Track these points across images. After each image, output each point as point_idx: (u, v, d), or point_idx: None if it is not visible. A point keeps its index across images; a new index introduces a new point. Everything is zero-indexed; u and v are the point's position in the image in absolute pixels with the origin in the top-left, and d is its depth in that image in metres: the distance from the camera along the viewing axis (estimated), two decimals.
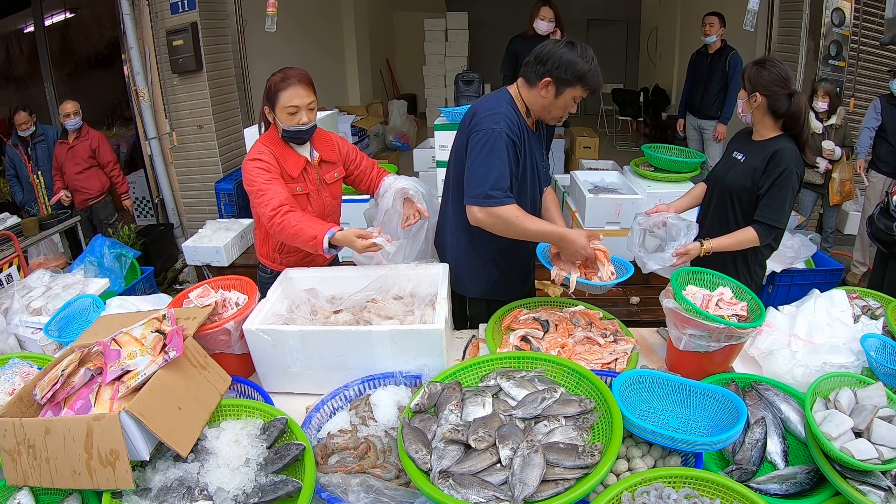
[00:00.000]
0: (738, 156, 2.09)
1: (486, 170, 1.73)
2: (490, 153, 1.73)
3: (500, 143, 1.73)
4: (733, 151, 2.14)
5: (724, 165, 2.17)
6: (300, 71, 1.86)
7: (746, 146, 2.08)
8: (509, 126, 1.75)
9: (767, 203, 1.94)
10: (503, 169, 1.73)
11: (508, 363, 1.49)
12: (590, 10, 10.60)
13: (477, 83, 5.54)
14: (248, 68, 5.21)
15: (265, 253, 2.09)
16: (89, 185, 4.31)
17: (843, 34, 4.23)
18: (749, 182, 1.99)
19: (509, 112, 1.78)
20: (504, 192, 1.72)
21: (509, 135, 1.74)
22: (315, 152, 2.00)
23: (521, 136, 1.79)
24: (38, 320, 2.23)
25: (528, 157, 1.85)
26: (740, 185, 2.02)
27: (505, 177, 1.73)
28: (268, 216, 1.80)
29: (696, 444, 1.20)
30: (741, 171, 2.03)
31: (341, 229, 1.78)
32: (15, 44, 5.88)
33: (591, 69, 1.69)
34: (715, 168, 2.24)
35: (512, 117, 1.77)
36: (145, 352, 1.34)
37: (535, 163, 1.91)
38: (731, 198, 2.06)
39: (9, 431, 1.20)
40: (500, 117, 1.75)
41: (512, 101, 1.82)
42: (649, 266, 1.89)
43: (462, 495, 1.07)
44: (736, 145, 2.16)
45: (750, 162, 2.01)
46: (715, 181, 2.17)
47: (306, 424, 1.42)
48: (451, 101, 7.92)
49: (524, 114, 1.84)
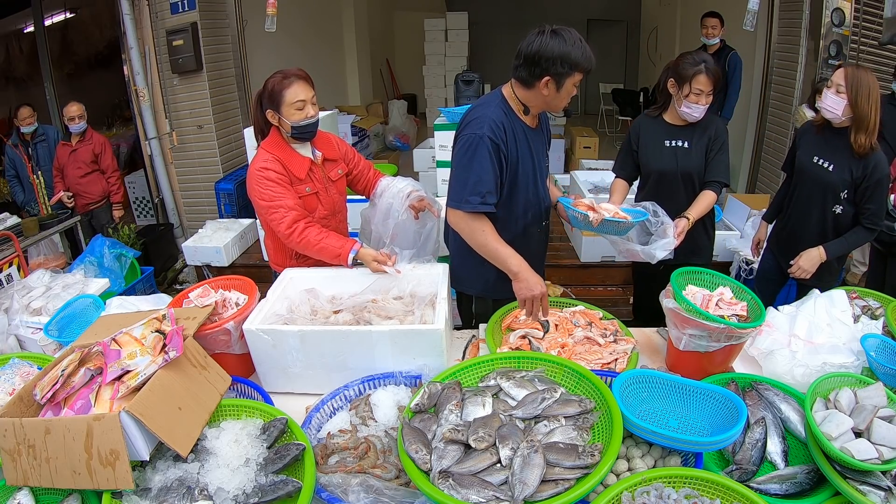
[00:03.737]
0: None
1: (466, 174, 1.74)
2: (471, 158, 1.74)
3: (483, 148, 1.72)
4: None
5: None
6: (297, 68, 1.89)
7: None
8: (493, 130, 1.73)
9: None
10: (482, 174, 1.73)
11: (508, 363, 1.49)
12: (590, 10, 10.61)
13: (477, 83, 5.55)
14: (248, 68, 5.20)
15: (280, 261, 2.10)
16: (91, 189, 4.30)
17: (843, 34, 4.23)
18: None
19: (497, 115, 1.76)
20: (481, 196, 1.73)
21: (492, 139, 1.72)
22: (317, 151, 2.02)
23: (509, 139, 1.77)
24: (38, 320, 2.24)
25: (519, 158, 1.82)
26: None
27: (485, 181, 1.73)
28: (284, 234, 1.87)
29: (696, 444, 1.20)
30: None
31: (362, 246, 1.89)
32: (15, 44, 5.88)
33: (582, 52, 1.66)
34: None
35: (499, 120, 1.75)
36: (145, 352, 1.33)
37: (535, 161, 1.89)
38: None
39: (9, 431, 1.20)
40: (484, 122, 1.74)
41: (503, 103, 1.80)
42: (657, 256, 1.93)
43: (462, 495, 1.07)
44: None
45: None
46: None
47: (306, 424, 1.42)
48: (451, 101, 7.92)
49: (521, 112, 1.82)
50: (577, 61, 1.66)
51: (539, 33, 1.67)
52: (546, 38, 1.65)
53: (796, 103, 4.35)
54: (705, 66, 2.07)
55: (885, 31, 3.96)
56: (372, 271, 1.86)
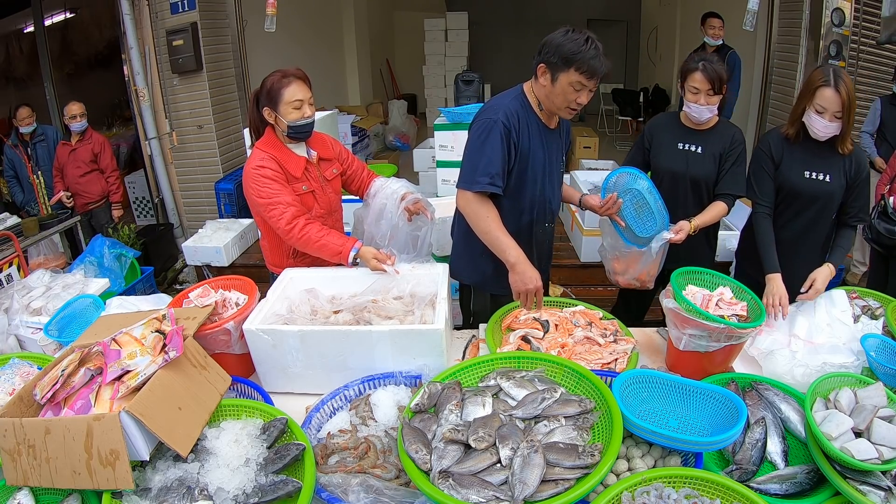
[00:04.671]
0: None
1: (478, 157, 1.77)
2: (484, 141, 1.76)
3: (496, 131, 1.75)
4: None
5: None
6: (296, 68, 1.89)
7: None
8: (508, 117, 1.76)
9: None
10: (493, 155, 1.75)
11: (508, 363, 1.49)
12: (590, 10, 10.62)
13: (477, 83, 5.55)
14: (248, 68, 5.21)
15: (276, 262, 2.10)
16: (90, 189, 4.31)
17: (843, 34, 4.23)
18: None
19: (514, 105, 1.80)
20: (490, 177, 1.75)
21: (505, 124, 1.75)
22: (312, 151, 2.02)
23: (521, 128, 1.79)
24: (38, 320, 2.23)
25: (531, 150, 1.84)
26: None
27: (494, 163, 1.75)
28: (284, 230, 1.87)
29: (696, 444, 1.20)
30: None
31: (362, 244, 1.89)
32: (15, 44, 5.87)
33: (581, 51, 1.64)
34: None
35: (514, 109, 1.78)
36: (145, 352, 1.33)
37: (547, 158, 1.89)
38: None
39: (9, 431, 1.20)
40: (500, 108, 1.78)
41: (522, 96, 1.84)
42: (654, 248, 1.97)
43: (462, 495, 1.07)
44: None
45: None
46: None
47: (306, 424, 1.42)
48: (451, 101, 7.91)
49: (536, 108, 1.84)
50: (570, 56, 1.65)
51: (561, 30, 1.70)
52: (559, 32, 1.69)
53: None
54: (703, 64, 2.04)
55: (882, 30, 3.96)
56: (371, 269, 1.86)
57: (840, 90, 1.81)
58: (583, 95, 1.72)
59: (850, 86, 1.82)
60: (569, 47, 1.65)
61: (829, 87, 1.82)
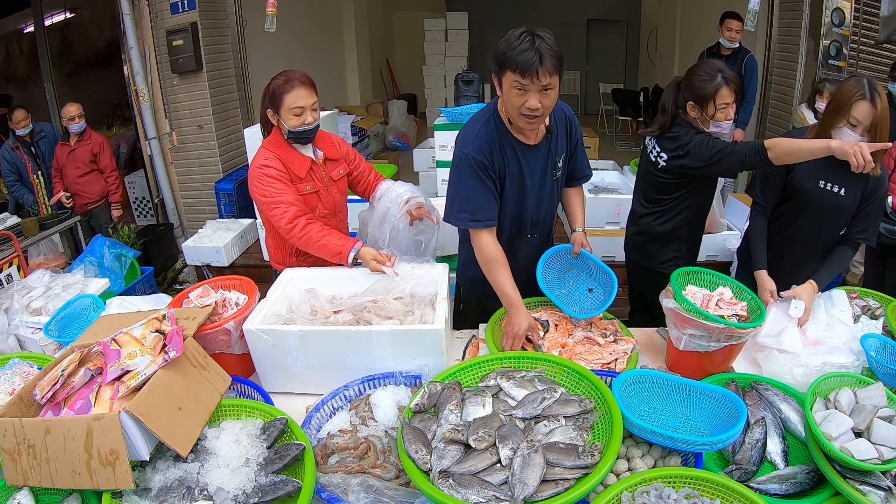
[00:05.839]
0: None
1: (455, 191, 1.76)
2: (458, 176, 1.74)
3: (466, 167, 1.70)
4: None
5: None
6: (301, 73, 1.88)
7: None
8: (477, 147, 1.69)
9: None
10: (469, 191, 1.71)
11: (508, 363, 1.49)
12: (590, 10, 10.62)
13: (477, 83, 5.55)
14: (248, 68, 5.20)
15: (280, 259, 2.11)
16: (89, 189, 4.30)
17: (843, 34, 4.23)
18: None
19: (483, 131, 1.70)
20: (471, 213, 1.72)
21: (475, 156, 1.69)
22: (318, 151, 2.02)
23: (494, 155, 1.71)
24: (38, 320, 2.23)
25: (507, 173, 1.74)
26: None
27: (473, 199, 1.72)
28: (285, 229, 1.87)
29: (696, 444, 1.20)
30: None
31: (363, 245, 1.89)
32: (15, 44, 5.88)
33: (512, 48, 1.48)
34: None
35: (484, 137, 1.69)
36: (145, 352, 1.33)
37: (527, 176, 1.78)
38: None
39: (9, 431, 1.20)
40: (469, 139, 1.71)
41: (494, 116, 1.72)
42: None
43: (462, 495, 1.07)
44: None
45: None
46: None
47: (306, 424, 1.42)
48: (451, 101, 7.91)
49: (507, 124, 1.72)
50: (501, 58, 1.53)
51: None
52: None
53: (796, 103, 4.35)
54: (722, 75, 1.93)
55: (881, 29, 3.96)
56: (370, 270, 1.86)
57: (876, 103, 1.75)
58: (530, 98, 1.53)
59: (884, 99, 1.76)
60: (501, 49, 1.52)
61: (866, 101, 1.76)
